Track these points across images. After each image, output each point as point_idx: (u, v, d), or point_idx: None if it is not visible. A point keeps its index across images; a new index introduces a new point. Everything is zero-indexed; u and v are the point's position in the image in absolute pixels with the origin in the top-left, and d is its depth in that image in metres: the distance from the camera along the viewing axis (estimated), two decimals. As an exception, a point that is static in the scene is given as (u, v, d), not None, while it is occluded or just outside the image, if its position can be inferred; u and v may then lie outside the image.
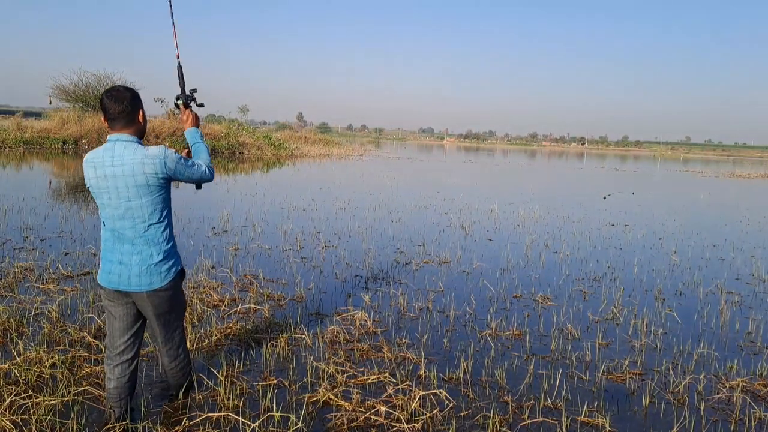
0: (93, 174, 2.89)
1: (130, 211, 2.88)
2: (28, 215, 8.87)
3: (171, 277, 3.00)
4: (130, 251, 2.91)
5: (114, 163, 2.85)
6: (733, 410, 3.63)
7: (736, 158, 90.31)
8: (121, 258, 2.92)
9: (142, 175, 2.84)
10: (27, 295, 5.00)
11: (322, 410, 3.36)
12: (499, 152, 70.51)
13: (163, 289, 2.97)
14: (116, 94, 2.87)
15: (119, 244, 2.92)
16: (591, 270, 7.28)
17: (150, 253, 2.92)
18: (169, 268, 2.99)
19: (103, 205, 2.91)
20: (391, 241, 8.41)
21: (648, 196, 18.44)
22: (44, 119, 31.87)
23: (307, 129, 70.13)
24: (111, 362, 3.08)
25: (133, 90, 2.96)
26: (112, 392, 3.06)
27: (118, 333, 3.05)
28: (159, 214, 2.94)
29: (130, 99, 2.89)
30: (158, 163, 2.86)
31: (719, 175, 35.18)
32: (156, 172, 2.87)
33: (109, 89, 2.91)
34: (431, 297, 5.71)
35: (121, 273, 2.91)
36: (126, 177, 2.84)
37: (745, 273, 7.56)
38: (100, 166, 2.87)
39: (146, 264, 2.91)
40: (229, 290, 5.49)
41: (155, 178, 2.87)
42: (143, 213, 2.89)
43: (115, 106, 2.85)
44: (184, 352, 3.28)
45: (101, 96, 2.90)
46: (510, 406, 3.52)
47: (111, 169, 2.85)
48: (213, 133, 28.33)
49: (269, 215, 10.22)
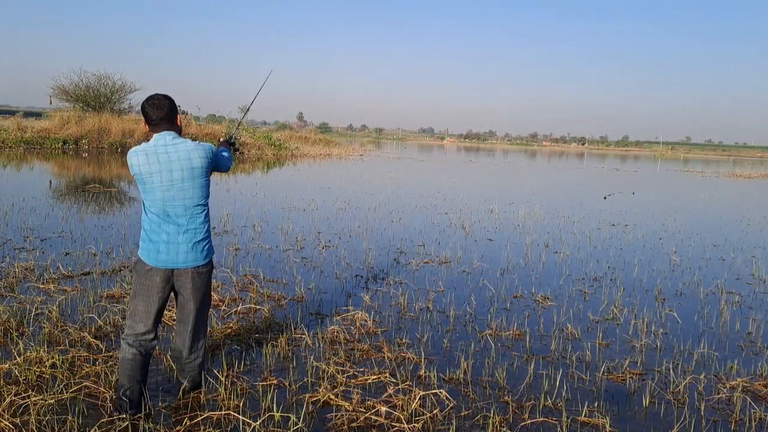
0: (144, 160, 3.12)
1: (181, 192, 3.15)
2: (29, 215, 8.88)
3: (210, 256, 3.32)
4: (176, 231, 3.16)
5: (168, 150, 3.15)
6: (733, 410, 3.63)
7: (736, 158, 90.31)
8: (168, 238, 3.15)
9: (197, 159, 3.19)
10: (27, 295, 5.01)
11: (323, 410, 3.36)
12: (499, 152, 70.52)
13: (204, 266, 3.27)
14: (157, 103, 3.17)
15: (165, 225, 3.15)
16: (591, 270, 7.28)
17: (195, 232, 3.20)
18: (209, 248, 3.31)
19: (153, 189, 3.13)
20: (391, 241, 8.41)
21: (648, 196, 18.44)
22: (44, 119, 31.86)
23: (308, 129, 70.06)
24: (134, 339, 3.15)
25: (171, 98, 3.25)
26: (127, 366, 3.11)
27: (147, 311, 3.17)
28: (204, 198, 3.26)
29: (169, 105, 3.21)
30: (207, 150, 3.26)
31: (719, 175, 35.18)
32: (206, 156, 3.23)
33: (149, 97, 3.19)
34: (431, 297, 5.71)
35: (169, 251, 3.15)
36: (181, 161, 3.15)
37: (746, 273, 7.56)
38: (152, 154, 3.13)
39: (192, 241, 3.19)
40: (230, 290, 5.49)
41: (206, 162, 3.23)
42: (193, 194, 3.19)
43: (157, 113, 3.17)
44: (204, 347, 3.46)
45: (143, 103, 3.19)
46: (510, 406, 3.52)
47: (165, 156, 3.13)
48: (213, 133, 28.30)
49: (269, 215, 10.23)
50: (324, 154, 33.12)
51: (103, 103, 30.35)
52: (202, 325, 3.40)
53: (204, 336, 3.45)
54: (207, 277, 3.32)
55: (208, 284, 3.35)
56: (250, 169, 21.21)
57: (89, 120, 26.83)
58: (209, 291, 3.39)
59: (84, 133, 25.95)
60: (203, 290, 3.31)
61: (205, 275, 3.29)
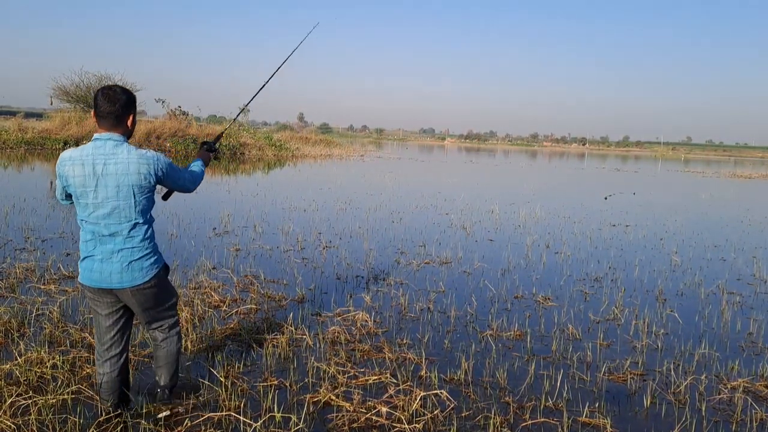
0: (80, 172, 2.83)
1: (117, 211, 2.86)
2: (30, 216, 8.88)
3: (153, 273, 2.99)
4: (111, 250, 2.89)
5: (107, 161, 2.82)
6: (734, 411, 3.63)
7: (737, 158, 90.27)
8: (102, 256, 2.90)
9: (136, 174, 2.84)
10: (28, 295, 5.01)
11: (323, 411, 3.36)
12: (500, 152, 70.51)
13: (145, 285, 2.96)
14: (111, 95, 2.85)
15: (101, 244, 2.90)
16: (592, 270, 7.27)
17: (131, 251, 2.91)
18: (151, 264, 2.98)
19: (87, 205, 2.87)
20: (392, 242, 8.41)
21: (649, 197, 18.43)
22: (45, 120, 31.90)
23: (308, 129, 70.12)
24: (100, 358, 3.12)
25: (130, 93, 2.94)
26: (103, 387, 3.12)
27: (104, 329, 3.07)
28: (145, 214, 2.95)
29: (124, 102, 2.87)
30: (152, 163, 2.89)
31: (720, 175, 35.15)
32: (150, 173, 2.88)
33: (105, 87, 2.88)
34: (432, 297, 5.71)
35: (102, 271, 2.90)
36: (119, 175, 2.82)
37: (747, 273, 7.55)
38: (89, 164, 2.82)
39: (127, 261, 2.90)
40: (230, 291, 5.49)
41: (149, 178, 2.88)
42: (130, 213, 2.88)
43: (108, 106, 2.83)
44: (177, 334, 3.23)
45: (96, 91, 2.88)
46: (511, 407, 3.52)
47: (103, 167, 2.81)
48: (214, 134, 28.33)
49: (270, 216, 10.23)
50: (325, 155, 33.12)
51: (104, 104, 30.34)
52: (165, 321, 3.16)
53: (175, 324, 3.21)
54: (156, 290, 3.01)
55: (159, 293, 3.05)
56: (250, 170, 21.21)
57: (90, 121, 26.81)
58: (164, 296, 3.11)
59: (85, 133, 25.95)
60: (151, 303, 3.03)
61: (150, 291, 2.99)
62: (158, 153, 2.94)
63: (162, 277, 3.08)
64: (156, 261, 3.03)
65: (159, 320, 3.16)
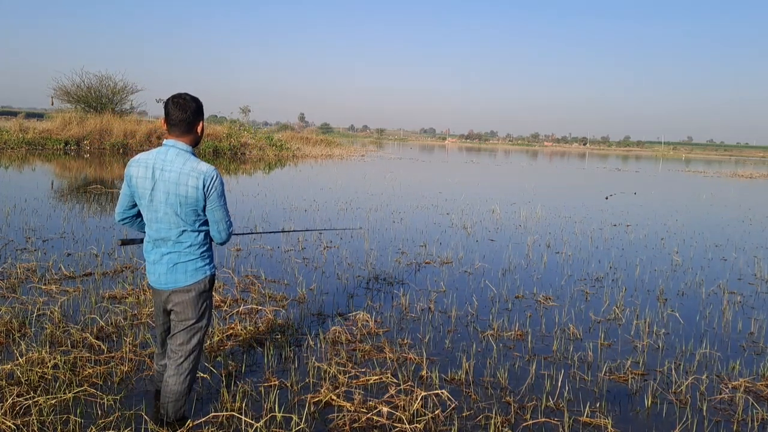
0: (143, 174, 2.88)
1: (167, 217, 2.88)
2: (31, 216, 8.89)
3: (197, 278, 2.97)
4: (161, 252, 2.95)
5: (164, 167, 2.85)
6: (735, 411, 3.63)
7: (738, 158, 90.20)
8: (154, 258, 2.98)
9: (184, 185, 2.83)
10: (29, 295, 5.01)
11: (325, 411, 3.36)
12: (500, 152, 70.48)
13: (185, 288, 2.95)
14: (181, 102, 2.87)
15: (155, 247, 2.97)
16: (593, 270, 7.27)
17: (178, 254, 2.93)
18: (196, 269, 2.96)
19: (143, 206, 2.94)
20: (392, 242, 8.41)
21: (650, 197, 18.42)
22: (46, 120, 31.92)
23: (309, 129, 70.19)
24: (158, 358, 3.23)
25: (198, 100, 2.95)
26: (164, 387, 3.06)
27: (158, 327, 3.19)
28: (194, 223, 2.93)
29: (194, 109, 2.90)
30: (203, 178, 2.84)
31: (721, 175, 35.13)
32: (197, 186, 2.83)
33: (175, 95, 2.89)
34: (433, 297, 5.70)
35: (154, 272, 2.99)
36: (169, 183, 2.84)
37: (748, 273, 7.54)
38: (150, 167, 2.87)
39: (173, 263, 2.93)
40: (231, 291, 5.49)
41: (195, 192, 2.83)
42: (178, 220, 2.89)
43: (179, 114, 2.86)
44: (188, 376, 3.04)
45: (166, 100, 2.89)
46: (512, 407, 3.52)
47: (159, 173, 2.86)
48: (215, 134, 28.36)
49: (271, 216, 10.23)
50: (325, 155, 33.12)
51: (105, 104, 30.42)
52: (188, 345, 3.02)
53: (189, 361, 3.03)
54: (195, 294, 2.97)
55: (197, 301, 2.98)
56: (251, 170, 21.21)
57: (91, 121, 26.89)
58: (202, 309, 3.02)
59: (85, 134, 26.01)
60: (189, 311, 2.97)
61: (188, 295, 2.95)
62: (216, 171, 2.89)
63: (204, 288, 3.01)
64: (202, 267, 2.99)
65: (177, 335, 3.02)
